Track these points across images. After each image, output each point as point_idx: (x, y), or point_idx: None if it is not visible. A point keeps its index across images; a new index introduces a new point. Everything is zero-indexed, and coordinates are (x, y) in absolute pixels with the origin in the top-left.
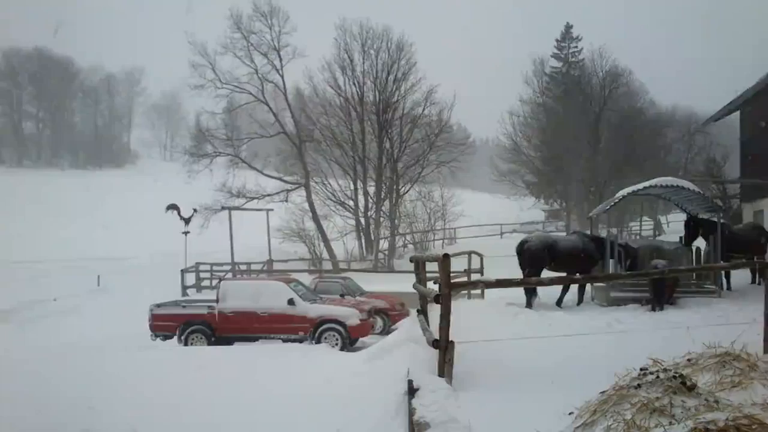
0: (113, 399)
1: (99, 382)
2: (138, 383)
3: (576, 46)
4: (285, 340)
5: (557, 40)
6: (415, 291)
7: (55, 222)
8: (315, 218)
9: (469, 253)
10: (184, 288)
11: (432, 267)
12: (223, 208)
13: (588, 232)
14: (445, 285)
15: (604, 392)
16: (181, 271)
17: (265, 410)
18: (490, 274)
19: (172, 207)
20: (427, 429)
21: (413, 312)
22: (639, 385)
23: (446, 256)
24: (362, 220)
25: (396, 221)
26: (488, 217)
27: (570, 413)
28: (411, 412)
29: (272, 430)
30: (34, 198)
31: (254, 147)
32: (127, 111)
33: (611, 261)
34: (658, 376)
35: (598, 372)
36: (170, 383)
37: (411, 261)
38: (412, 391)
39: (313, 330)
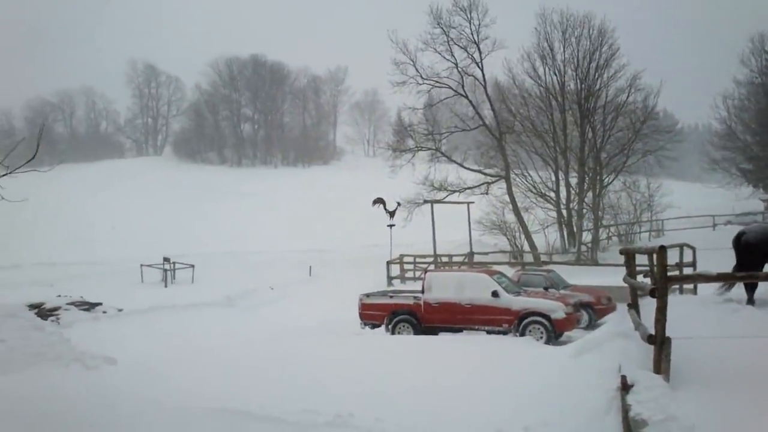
0: (329, 381)
1: (315, 365)
2: (351, 367)
3: None
4: (489, 332)
5: None
6: (623, 285)
7: (271, 215)
8: (516, 210)
9: (681, 246)
10: (390, 278)
11: (641, 260)
12: (425, 201)
13: None
14: (662, 278)
15: None
16: (387, 262)
17: (470, 399)
18: (704, 268)
19: (379, 201)
20: (645, 427)
21: (621, 306)
22: None
23: (662, 248)
24: (564, 212)
25: (599, 213)
26: (699, 208)
27: None
28: (626, 408)
29: (478, 418)
30: (252, 194)
31: (454, 140)
32: (332, 110)
33: None
34: None
35: None
36: (381, 369)
37: (621, 253)
38: (626, 387)
39: (517, 322)
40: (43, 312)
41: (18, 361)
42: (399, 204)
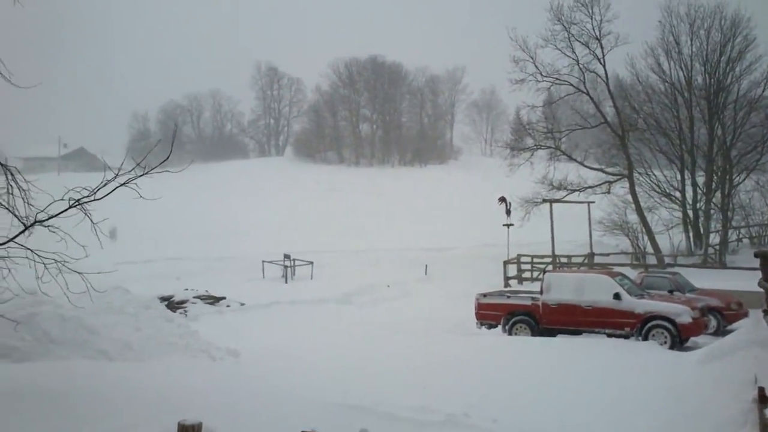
0: (445, 380)
1: (431, 363)
2: (467, 367)
3: None
4: (610, 335)
5: None
6: (756, 289)
7: (388, 214)
8: (638, 210)
9: None
10: (506, 279)
11: None
12: (544, 200)
13: None
14: None
15: None
16: (504, 262)
17: (590, 404)
18: None
19: (503, 200)
20: None
21: (753, 312)
22: None
23: None
24: (690, 213)
25: (729, 214)
26: None
27: None
28: (765, 422)
29: (599, 425)
30: (369, 193)
31: (574, 138)
32: (450, 109)
33: None
34: None
35: None
36: (497, 370)
37: (756, 256)
38: (764, 399)
39: (639, 326)
40: (172, 304)
41: (152, 350)
42: (510, 204)
